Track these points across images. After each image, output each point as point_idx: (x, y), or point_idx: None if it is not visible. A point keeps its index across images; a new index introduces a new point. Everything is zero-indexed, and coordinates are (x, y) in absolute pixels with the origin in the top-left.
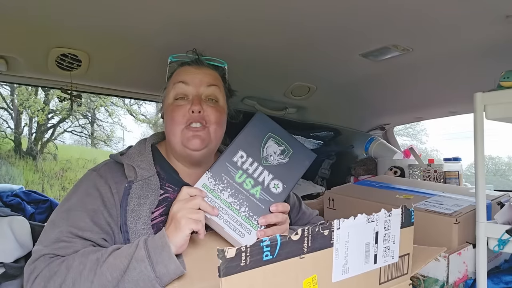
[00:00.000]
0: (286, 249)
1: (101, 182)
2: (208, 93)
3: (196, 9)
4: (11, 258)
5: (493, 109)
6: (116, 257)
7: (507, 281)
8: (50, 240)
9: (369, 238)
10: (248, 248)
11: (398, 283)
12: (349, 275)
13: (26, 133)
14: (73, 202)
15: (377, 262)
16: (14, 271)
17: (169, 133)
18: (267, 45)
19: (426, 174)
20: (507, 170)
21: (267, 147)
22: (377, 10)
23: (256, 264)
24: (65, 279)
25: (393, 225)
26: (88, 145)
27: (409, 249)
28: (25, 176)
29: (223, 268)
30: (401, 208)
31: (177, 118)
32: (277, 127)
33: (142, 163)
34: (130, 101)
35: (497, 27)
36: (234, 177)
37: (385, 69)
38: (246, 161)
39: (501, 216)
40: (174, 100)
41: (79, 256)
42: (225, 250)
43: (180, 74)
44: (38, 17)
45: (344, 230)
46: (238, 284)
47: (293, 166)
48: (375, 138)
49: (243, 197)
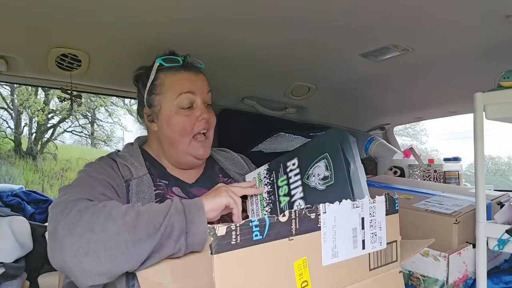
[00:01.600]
0: (275, 229)
1: (108, 168)
2: (207, 99)
3: (196, 9)
4: (11, 258)
5: (493, 109)
6: (153, 207)
7: (507, 281)
8: (80, 192)
9: (355, 223)
10: (238, 227)
11: (388, 270)
12: (338, 259)
13: (26, 133)
14: (85, 179)
15: (365, 247)
16: (14, 271)
17: (173, 142)
18: (267, 45)
19: (426, 174)
20: (507, 170)
21: (315, 166)
22: (377, 10)
23: (247, 243)
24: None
25: (378, 211)
26: (88, 145)
27: (396, 236)
28: (25, 176)
29: (215, 245)
30: (384, 195)
31: (187, 128)
32: (338, 151)
33: (135, 162)
34: (130, 101)
35: (497, 27)
36: (279, 178)
37: (385, 69)
38: (294, 170)
39: (501, 216)
40: (180, 109)
41: (114, 202)
42: (215, 227)
43: (183, 82)
44: (38, 17)
45: (330, 214)
46: (230, 262)
47: (323, 197)
48: (375, 138)
49: (273, 198)
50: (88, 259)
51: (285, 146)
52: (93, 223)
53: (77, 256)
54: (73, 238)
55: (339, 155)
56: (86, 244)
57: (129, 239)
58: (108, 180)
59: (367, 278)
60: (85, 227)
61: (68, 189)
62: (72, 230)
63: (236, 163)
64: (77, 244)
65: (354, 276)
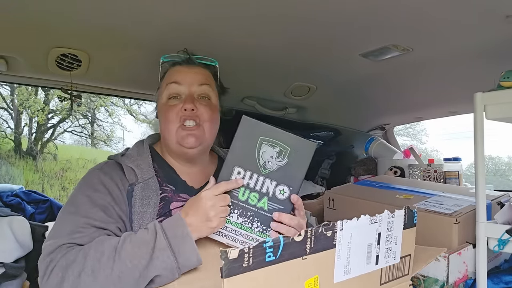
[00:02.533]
0: (289, 250)
1: (106, 179)
2: (200, 91)
3: (196, 9)
4: (11, 258)
5: (493, 109)
6: (134, 245)
7: (507, 281)
8: (65, 233)
9: (371, 239)
10: (251, 249)
11: (399, 284)
12: (350, 275)
13: (26, 133)
14: (81, 199)
15: (379, 263)
16: (14, 271)
17: (164, 132)
18: (267, 45)
19: (426, 174)
20: (507, 170)
21: (262, 154)
22: (377, 10)
23: (259, 265)
24: (83, 268)
25: (395, 226)
26: (88, 145)
27: (411, 250)
28: (25, 176)
29: (226, 269)
30: (404, 209)
31: (171, 117)
32: (267, 127)
33: (142, 163)
34: (130, 101)
35: (497, 27)
36: (237, 196)
37: (385, 69)
38: (245, 176)
39: (501, 216)
40: (168, 99)
41: (94, 244)
42: (228, 251)
43: (172, 74)
44: (38, 17)
45: (347, 231)
46: (240, 285)
47: (294, 164)
48: (375, 138)
49: (252, 213)
50: None
51: None
52: (76, 283)
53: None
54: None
55: (269, 129)
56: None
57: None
58: (103, 197)
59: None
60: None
61: (58, 226)
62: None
63: None
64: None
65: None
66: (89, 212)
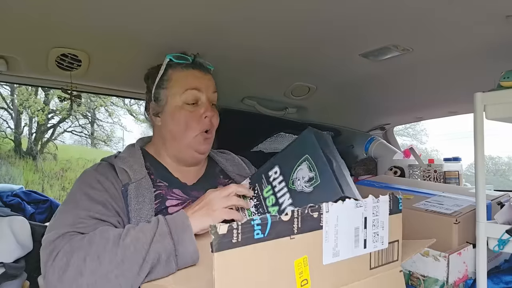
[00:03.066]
0: (276, 228)
1: (102, 178)
2: (212, 98)
3: (196, 9)
4: (11, 258)
5: (493, 109)
6: (138, 231)
7: (507, 281)
8: (66, 223)
9: (358, 223)
10: (240, 226)
11: (389, 269)
12: (339, 258)
13: (26, 133)
14: (80, 197)
15: (367, 247)
16: (14, 271)
17: (175, 136)
18: (267, 45)
19: (426, 174)
20: (507, 170)
21: (298, 170)
22: (377, 10)
23: (248, 241)
24: (89, 253)
25: (381, 211)
26: (88, 145)
27: (398, 236)
28: (25, 176)
29: (216, 243)
30: (388, 195)
31: (191, 124)
32: (318, 150)
33: (134, 164)
34: (130, 101)
35: (497, 27)
36: (263, 190)
37: (385, 69)
38: (277, 178)
39: (501, 216)
40: (185, 104)
41: (99, 232)
42: (217, 226)
43: (190, 78)
44: (38, 17)
45: (333, 214)
46: (230, 260)
47: (313, 198)
48: (375, 138)
49: (262, 211)
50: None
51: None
52: (81, 267)
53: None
54: (64, 284)
55: (319, 154)
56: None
57: (120, 274)
58: (101, 194)
59: (367, 277)
60: (74, 271)
61: (57, 219)
62: (62, 276)
63: (237, 165)
64: (73, 285)
65: (354, 275)
66: (88, 206)
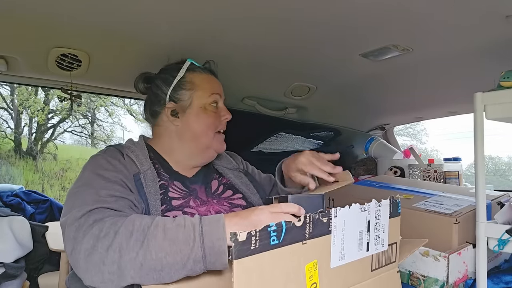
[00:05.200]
0: (290, 234)
1: (114, 161)
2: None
3: (196, 10)
4: (11, 258)
5: (493, 109)
6: (166, 238)
7: (507, 281)
8: (90, 200)
9: (362, 227)
10: (258, 233)
11: (388, 270)
12: (345, 261)
13: (26, 133)
14: (93, 178)
15: (369, 249)
16: (14, 271)
17: (197, 135)
18: (267, 45)
19: (426, 174)
20: (507, 170)
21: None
22: (377, 10)
23: (264, 248)
24: (112, 243)
25: (382, 214)
26: (88, 145)
27: (397, 238)
28: (25, 176)
29: (236, 251)
30: (389, 199)
31: (212, 123)
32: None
33: (140, 154)
34: (130, 101)
35: (497, 27)
36: None
37: (385, 69)
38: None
39: (501, 216)
40: (209, 105)
41: (126, 222)
42: (237, 233)
43: (213, 83)
44: (38, 17)
45: (340, 218)
46: (248, 267)
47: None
48: (375, 138)
49: None
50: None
51: (285, 146)
52: (104, 258)
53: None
54: (89, 265)
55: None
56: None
57: (136, 276)
58: (115, 175)
59: (368, 279)
60: (98, 257)
61: (74, 200)
62: (87, 257)
63: (223, 158)
64: (100, 270)
65: (357, 277)
66: (105, 186)
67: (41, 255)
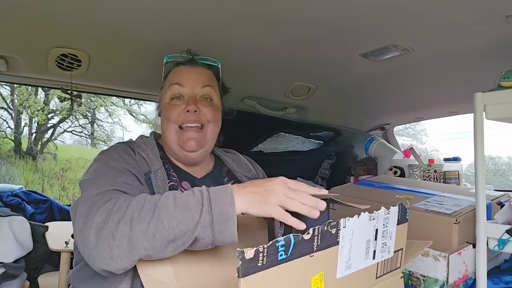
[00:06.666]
0: (298, 248)
1: (126, 156)
2: (203, 93)
3: (197, 10)
4: (11, 258)
5: (493, 109)
6: (177, 206)
7: (507, 281)
8: (106, 184)
9: (369, 235)
10: (265, 249)
11: (392, 276)
12: (351, 270)
13: (26, 133)
14: (106, 168)
15: (375, 257)
16: (14, 271)
17: (165, 132)
18: (267, 45)
19: (426, 174)
20: (507, 170)
21: None
22: (377, 10)
23: (272, 263)
24: (123, 216)
25: (390, 222)
26: (88, 145)
27: (403, 244)
28: (25, 176)
29: (243, 268)
30: (398, 205)
31: (172, 117)
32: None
33: (151, 153)
34: (130, 101)
35: (497, 27)
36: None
37: (385, 69)
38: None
39: (501, 216)
40: (170, 100)
41: (137, 197)
42: (244, 251)
43: (175, 75)
44: (38, 17)
45: (349, 228)
46: (255, 284)
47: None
48: (375, 138)
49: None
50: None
51: (285, 146)
52: (114, 232)
53: (113, 250)
54: (99, 242)
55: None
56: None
57: (149, 247)
58: (129, 168)
59: (373, 286)
60: (108, 232)
61: (90, 183)
62: (99, 232)
63: (243, 165)
64: (109, 245)
65: (362, 285)
66: (121, 175)
67: (41, 255)
